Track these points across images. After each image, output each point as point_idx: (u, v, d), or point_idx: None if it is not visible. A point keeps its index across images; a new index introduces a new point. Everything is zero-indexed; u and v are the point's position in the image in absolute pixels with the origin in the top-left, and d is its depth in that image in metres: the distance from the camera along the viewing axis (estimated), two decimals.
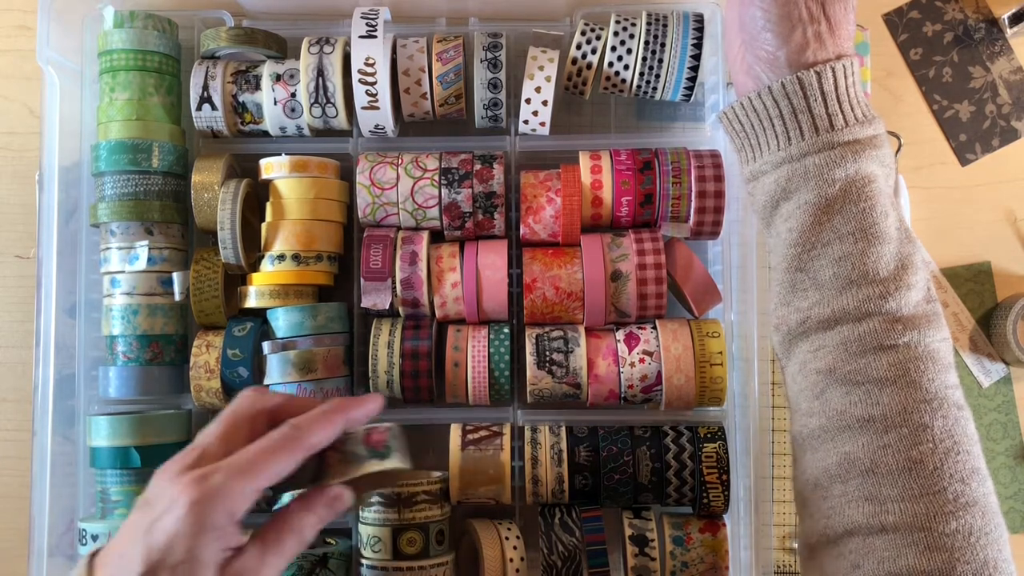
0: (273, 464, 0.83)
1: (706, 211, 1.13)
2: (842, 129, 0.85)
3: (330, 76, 1.14)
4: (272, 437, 0.85)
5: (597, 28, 1.16)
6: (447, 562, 1.11)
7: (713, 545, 1.12)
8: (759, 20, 0.88)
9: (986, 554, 0.76)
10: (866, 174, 0.84)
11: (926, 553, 0.76)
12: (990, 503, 0.79)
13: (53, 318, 1.13)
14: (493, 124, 1.19)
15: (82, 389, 1.17)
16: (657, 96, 1.18)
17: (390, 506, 1.09)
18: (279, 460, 0.83)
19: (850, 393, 0.83)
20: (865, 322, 0.83)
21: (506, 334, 1.15)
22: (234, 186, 1.13)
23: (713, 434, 1.13)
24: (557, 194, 1.14)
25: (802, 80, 0.85)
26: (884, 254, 0.83)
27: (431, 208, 1.15)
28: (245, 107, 1.17)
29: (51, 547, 1.11)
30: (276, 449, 0.84)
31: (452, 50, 1.15)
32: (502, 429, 1.14)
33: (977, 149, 1.32)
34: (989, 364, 1.30)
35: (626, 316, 1.15)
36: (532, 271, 1.14)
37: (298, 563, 1.09)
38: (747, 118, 0.90)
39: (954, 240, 1.32)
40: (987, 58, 1.32)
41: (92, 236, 1.19)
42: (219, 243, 1.12)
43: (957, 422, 0.80)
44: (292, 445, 0.85)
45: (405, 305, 1.16)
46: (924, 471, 0.78)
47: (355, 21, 1.12)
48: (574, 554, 1.08)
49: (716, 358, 1.12)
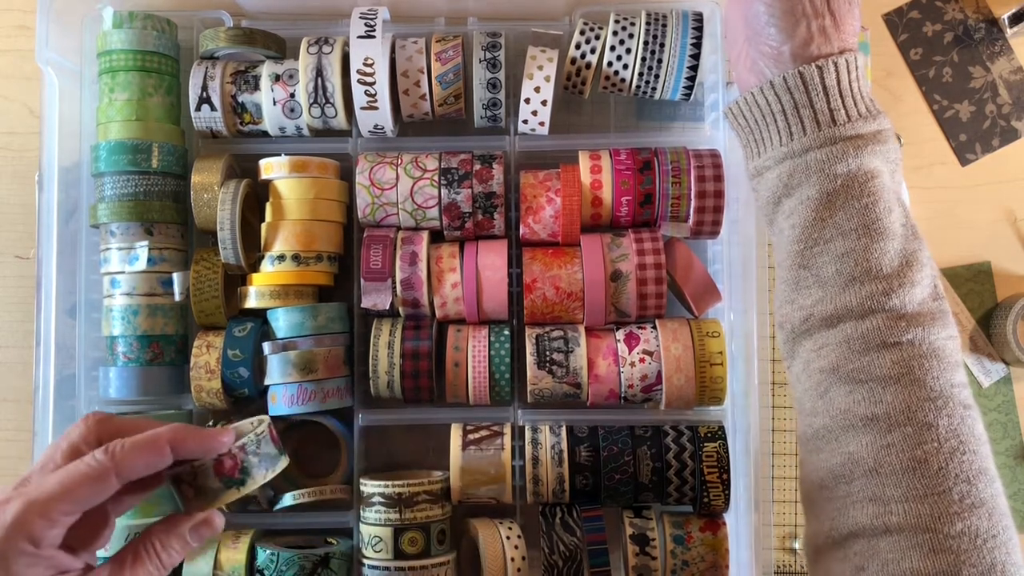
0: (74, 493, 0.79)
1: (706, 211, 1.13)
2: (844, 124, 0.84)
3: (329, 76, 1.14)
4: (78, 465, 0.80)
5: (596, 27, 1.16)
6: (448, 562, 1.11)
7: (713, 544, 1.12)
8: (763, 15, 0.87)
9: (993, 557, 0.75)
10: (869, 169, 0.83)
11: (931, 555, 0.75)
12: (998, 504, 0.78)
13: (53, 319, 1.13)
14: (492, 124, 1.19)
15: (82, 390, 1.17)
16: (656, 95, 1.18)
17: (391, 506, 1.09)
18: (81, 489, 0.79)
19: (853, 392, 0.82)
20: (868, 319, 0.82)
21: (506, 334, 1.15)
22: (234, 186, 1.13)
23: (713, 433, 1.13)
24: (557, 194, 1.14)
25: (803, 74, 0.85)
26: (888, 250, 0.82)
27: (431, 208, 1.15)
28: (244, 107, 1.17)
29: None
30: (79, 477, 0.79)
31: (451, 50, 1.15)
32: (503, 429, 1.14)
33: (977, 149, 1.32)
34: (989, 364, 1.30)
35: (626, 316, 1.15)
36: (532, 271, 1.14)
37: (299, 563, 1.09)
38: (751, 114, 0.90)
39: (954, 240, 1.32)
40: (987, 58, 1.32)
41: (92, 236, 1.19)
42: (219, 243, 1.12)
43: (963, 421, 0.79)
44: (99, 473, 0.80)
45: (405, 305, 1.16)
46: (928, 471, 0.77)
47: (353, 21, 1.12)
48: (575, 553, 1.08)
49: (716, 357, 1.12)
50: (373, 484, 1.11)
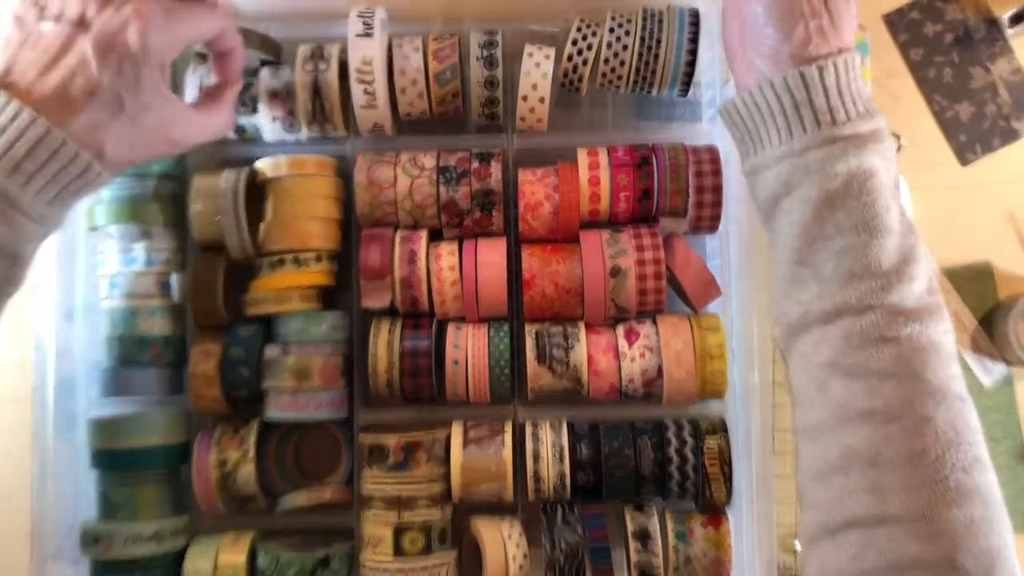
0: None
1: (704, 205, 1.13)
2: (844, 123, 0.84)
3: (327, 95, 1.14)
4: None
5: (593, 25, 1.16)
6: (449, 561, 1.11)
7: (716, 539, 1.11)
8: (761, 16, 0.88)
9: (988, 543, 0.75)
10: (868, 168, 0.84)
11: (928, 542, 0.75)
12: (993, 493, 0.78)
13: (52, 321, 1.13)
14: (490, 122, 1.19)
15: (82, 391, 1.17)
16: (654, 92, 1.18)
17: (391, 506, 1.09)
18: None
19: (852, 385, 0.82)
20: (867, 315, 0.82)
21: (506, 331, 1.15)
22: (235, 174, 1.14)
23: (715, 428, 1.13)
24: (555, 191, 1.14)
25: (804, 74, 0.85)
26: (886, 247, 0.82)
27: (429, 207, 1.15)
28: (243, 129, 1.18)
29: (54, 550, 1.11)
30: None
31: (448, 48, 1.15)
32: (503, 427, 1.14)
33: (977, 149, 1.32)
34: (990, 364, 1.30)
35: (625, 311, 1.14)
36: (531, 268, 1.14)
37: (300, 564, 1.09)
38: (748, 113, 0.90)
39: (955, 240, 1.32)
40: (987, 58, 1.33)
41: (90, 239, 1.18)
42: (223, 231, 1.12)
43: (960, 413, 0.79)
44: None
45: (404, 304, 1.15)
46: (926, 461, 0.77)
47: (351, 20, 1.13)
48: (577, 551, 1.08)
49: (716, 352, 1.12)
50: (374, 485, 1.10)
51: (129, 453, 1.11)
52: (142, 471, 1.12)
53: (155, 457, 1.13)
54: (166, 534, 1.11)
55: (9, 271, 0.87)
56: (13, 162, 0.83)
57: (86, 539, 1.10)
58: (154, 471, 1.13)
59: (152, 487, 1.12)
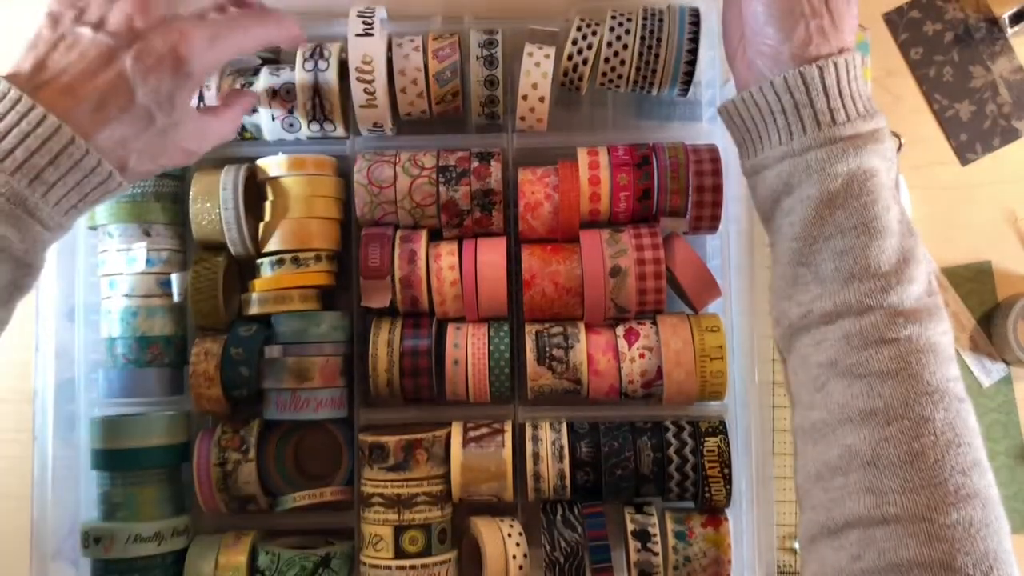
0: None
1: (704, 205, 1.13)
2: (844, 123, 0.84)
3: (327, 95, 1.14)
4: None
5: (593, 24, 1.16)
6: (449, 560, 1.11)
7: (715, 539, 1.11)
8: (761, 15, 0.88)
9: (987, 545, 0.75)
10: (868, 168, 0.84)
11: (927, 544, 0.75)
12: (991, 495, 0.79)
13: (52, 321, 1.13)
14: (490, 121, 1.19)
15: (82, 392, 1.17)
16: (654, 91, 1.18)
17: (391, 506, 1.09)
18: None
19: (852, 386, 0.82)
20: (867, 316, 0.82)
21: (506, 331, 1.15)
22: (234, 171, 1.14)
23: (714, 428, 1.13)
24: (555, 190, 1.14)
25: (804, 74, 0.85)
26: (886, 248, 0.82)
27: (429, 206, 1.15)
28: (244, 128, 1.18)
29: (54, 551, 1.11)
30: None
31: (448, 48, 1.15)
32: (503, 426, 1.14)
33: (978, 149, 1.32)
34: (990, 364, 1.30)
35: (625, 311, 1.14)
36: (531, 268, 1.14)
37: (300, 563, 1.09)
38: (748, 112, 0.90)
39: (954, 240, 1.32)
40: (988, 58, 1.33)
41: (90, 239, 1.19)
42: (223, 228, 1.12)
43: (958, 415, 0.80)
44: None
45: (404, 303, 1.15)
46: (925, 463, 0.77)
47: (351, 20, 1.13)
48: (576, 550, 1.08)
49: (716, 352, 1.12)
50: (373, 485, 1.10)
51: (129, 453, 1.11)
52: (143, 471, 1.12)
53: (155, 457, 1.13)
54: (167, 534, 1.11)
55: (23, 279, 0.85)
56: (35, 170, 0.80)
57: (87, 539, 1.10)
58: (154, 471, 1.13)
59: (153, 487, 1.12)
